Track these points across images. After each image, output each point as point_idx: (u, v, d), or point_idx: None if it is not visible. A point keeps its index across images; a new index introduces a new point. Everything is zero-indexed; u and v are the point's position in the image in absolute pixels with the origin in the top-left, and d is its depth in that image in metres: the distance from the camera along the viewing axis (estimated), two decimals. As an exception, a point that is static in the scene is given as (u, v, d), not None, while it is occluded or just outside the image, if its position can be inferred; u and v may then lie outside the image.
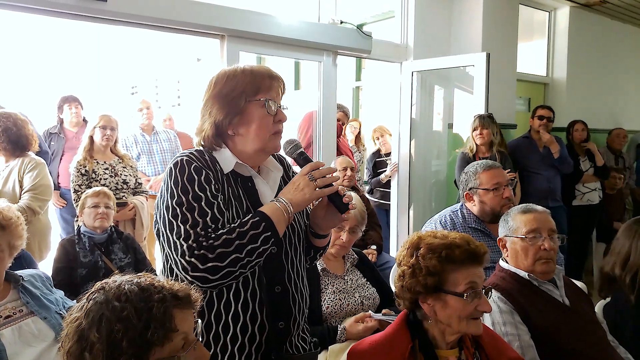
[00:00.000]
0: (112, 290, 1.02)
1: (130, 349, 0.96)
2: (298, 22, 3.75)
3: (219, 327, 1.34)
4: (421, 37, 4.58)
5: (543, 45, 5.70)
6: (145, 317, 0.98)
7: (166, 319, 0.99)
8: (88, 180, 3.48)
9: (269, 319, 1.37)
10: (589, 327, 1.88)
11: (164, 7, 3.09)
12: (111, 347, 0.96)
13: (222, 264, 1.22)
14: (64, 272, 2.80)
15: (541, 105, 4.80)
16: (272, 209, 1.30)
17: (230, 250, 1.22)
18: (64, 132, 4.28)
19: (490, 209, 2.46)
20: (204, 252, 1.21)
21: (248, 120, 1.38)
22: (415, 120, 4.69)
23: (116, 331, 0.96)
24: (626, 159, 5.66)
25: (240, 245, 1.23)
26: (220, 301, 1.34)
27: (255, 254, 1.25)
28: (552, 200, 4.54)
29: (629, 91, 6.41)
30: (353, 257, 2.44)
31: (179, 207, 1.27)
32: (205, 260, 1.21)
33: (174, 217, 1.27)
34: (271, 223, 1.28)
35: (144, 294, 1.01)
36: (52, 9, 2.82)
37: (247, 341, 1.35)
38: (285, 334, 1.42)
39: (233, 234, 1.24)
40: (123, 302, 0.99)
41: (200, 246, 1.22)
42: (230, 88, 1.37)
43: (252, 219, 1.27)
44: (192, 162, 1.32)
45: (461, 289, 1.43)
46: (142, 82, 8.14)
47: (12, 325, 1.76)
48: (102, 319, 0.98)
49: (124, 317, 0.97)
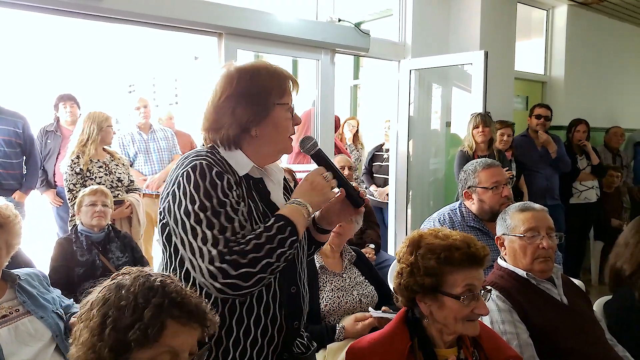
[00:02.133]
0: (130, 279, 1.02)
1: (110, 339, 0.95)
2: (296, 20, 3.74)
3: (240, 332, 1.31)
4: (419, 36, 4.57)
5: (541, 43, 5.70)
6: (135, 316, 0.97)
7: (151, 325, 0.96)
8: (83, 178, 3.45)
9: (287, 319, 1.37)
10: (587, 326, 1.88)
11: (161, 5, 3.08)
12: (99, 329, 0.97)
13: (255, 270, 1.18)
14: (61, 271, 2.78)
15: (539, 104, 4.81)
16: (293, 211, 1.28)
17: (262, 255, 1.19)
18: (60, 131, 4.26)
19: (489, 207, 2.46)
20: (235, 258, 1.17)
21: (274, 123, 1.35)
22: (413, 119, 4.69)
23: (108, 316, 0.97)
24: (623, 157, 5.67)
25: (271, 249, 1.20)
26: (243, 306, 1.31)
27: (283, 258, 1.22)
28: (550, 198, 4.55)
29: (627, 90, 6.41)
30: (351, 255, 2.44)
31: (203, 213, 1.21)
32: (238, 266, 1.16)
33: (197, 223, 1.21)
34: (294, 226, 1.25)
35: (149, 293, 1.00)
36: (48, 6, 2.81)
37: (266, 343, 1.34)
38: (297, 333, 1.43)
39: (262, 239, 1.21)
40: (129, 293, 0.99)
41: (232, 251, 1.17)
42: (258, 88, 1.33)
43: (276, 223, 1.24)
44: (212, 167, 1.27)
45: (458, 291, 1.42)
46: (140, 80, 8.14)
47: (9, 324, 1.75)
48: (107, 300, 0.99)
49: (120, 306, 0.97)
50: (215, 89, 1.36)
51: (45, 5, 2.79)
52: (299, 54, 3.98)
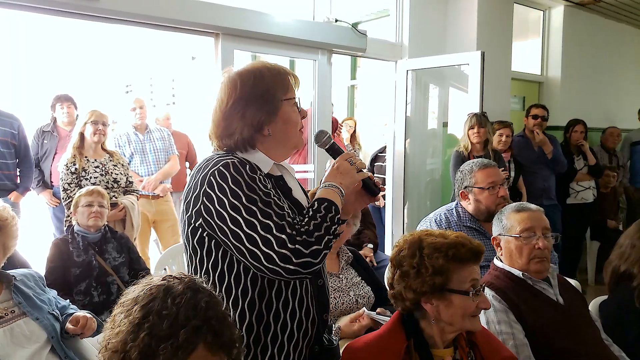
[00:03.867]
0: (183, 284, 1.04)
1: (142, 344, 0.96)
2: (293, 21, 3.74)
3: (277, 326, 1.34)
4: (416, 36, 4.58)
5: (537, 44, 5.72)
6: (172, 331, 0.97)
7: (183, 347, 0.97)
8: (78, 178, 3.41)
9: (318, 312, 1.41)
10: (583, 326, 1.88)
11: (158, 5, 3.07)
12: (136, 328, 0.97)
13: (321, 247, 1.23)
14: (58, 272, 2.77)
15: (535, 104, 4.81)
16: (330, 193, 1.32)
17: (323, 233, 1.24)
18: (57, 131, 4.25)
19: (485, 207, 2.46)
20: (305, 238, 1.22)
21: (284, 119, 1.39)
22: (410, 119, 4.70)
23: (148, 320, 0.97)
24: (620, 157, 5.68)
25: (327, 227, 1.26)
26: (279, 300, 1.35)
27: (335, 234, 1.28)
28: (547, 198, 4.56)
29: (623, 90, 6.43)
30: (348, 255, 2.44)
31: (254, 205, 1.24)
32: (309, 245, 1.21)
33: (251, 215, 1.23)
34: (337, 205, 1.30)
35: (192, 311, 1.01)
36: (45, 6, 2.80)
37: (302, 336, 1.38)
38: (326, 325, 1.47)
39: (317, 219, 1.26)
40: (173, 304, 0.99)
41: (300, 232, 1.22)
42: (264, 88, 1.36)
43: (321, 204, 1.29)
44: (245, 164, 1.30)
45: (466, 287, 1.44)
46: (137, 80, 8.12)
47: (4, 326, 1.74)
48: (152, 302, 1.00)
49: (162, 315, 0.98)
50: (220, 96, 1.38)
51: (42, 5, 2.79)
52: (296, 54, 3.98)
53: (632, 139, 5.89)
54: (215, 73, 3.54)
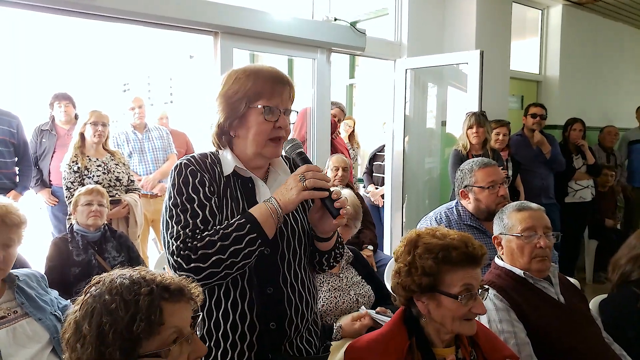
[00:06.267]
0: (106, 284, 1.03)
1: (117, 342, 0.96)
2: (292, 19, 3.74)
3: (211, 322, 1.37)
4: (415, 35, 4.58)
5: (536, 43, 5.72)
6: (132, 311, 0.97)
7: (152, 312, 0.98)
8: (80, 177, 3.44)
9: (260, 319, 1.37)
10: (584, 324, 1.89)
11: (157, 4, 3.06)
12: (100, 339, 0.96)
13: (204, 265, 1.25)
14: (57, 271, 2.77)
15: (534, 103, 4.83)
16: (260, 210, 1.32)
17: (212, 252, 1.26)
18: (55, 129, 4.24)
19: (485, 206, 2.46)
20: (188, 253, 1.26)
21: (247, 125, 1.40)
22: (409, 118, 4.70)
23: (104, 324, 0.97)
24: (618, 156, 5.70)
25: (223, 246, 1.26)
26: (212, 298, 1.38)
27: (240, 255, 1.27)
28: (545, 197, 4.57)
29: (621, 89, 6.45)
30: (348, 255, 2.44)
31: (175, 208, 1.32)
32: (189, 261, 1.26)
33: (170, 218, 1.32)
34: (257, 224, 1.29)
35: (133, 287, 1.01)
36: (42, 4, 2.79)
37: (238, 339, 1.37)
38: (280, 335, 1.40)
39: (216, 236, 1.27)
40: (113, 295, 0.99)
41: (186, 247, 1.27)
42: (234, 91, 1.39)
43: (238, 221, 1.30)
44: (189, 165, 1.37)
45: (456, 291, 1.42)
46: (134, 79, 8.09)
47: (7, 326, 1.74)
48: (93, 311, 0.99)
49: (112, 309, 0.97)
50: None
51: (40, 3, 2.77)
52: (294, 53, 3.97)
53: (629, 138, 5.91)
54: (214, 72, 3.53)
